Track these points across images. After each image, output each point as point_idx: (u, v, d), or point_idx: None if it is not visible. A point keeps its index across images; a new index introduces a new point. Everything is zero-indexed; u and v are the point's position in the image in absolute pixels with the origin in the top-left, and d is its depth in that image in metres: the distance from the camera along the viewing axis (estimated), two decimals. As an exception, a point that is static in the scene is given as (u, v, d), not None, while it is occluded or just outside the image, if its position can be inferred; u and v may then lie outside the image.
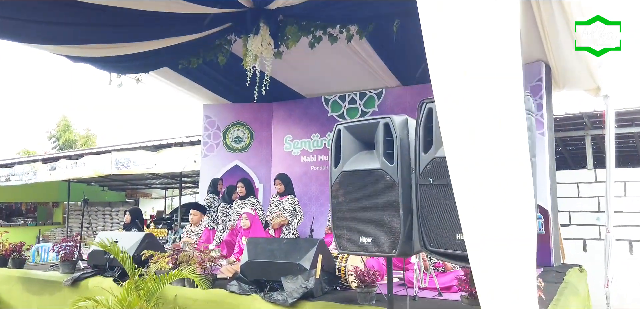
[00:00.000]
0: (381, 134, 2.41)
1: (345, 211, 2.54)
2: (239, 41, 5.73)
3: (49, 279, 4.86)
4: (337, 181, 2.57)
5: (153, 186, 18.52)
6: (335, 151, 2.60)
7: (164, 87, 7.62)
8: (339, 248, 2.55)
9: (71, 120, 27.90)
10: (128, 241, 4.54)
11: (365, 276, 3.40)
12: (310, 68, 6.78)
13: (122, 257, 3.61)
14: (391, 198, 2.35)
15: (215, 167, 7.93)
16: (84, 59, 6.00)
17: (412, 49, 6.00)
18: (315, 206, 7.35)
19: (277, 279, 3.69)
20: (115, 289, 4.01)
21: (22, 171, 14.03)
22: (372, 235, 2.42)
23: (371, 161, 2.45)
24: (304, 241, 3.83)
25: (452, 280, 3.83)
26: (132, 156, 11.27)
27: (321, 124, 7.65)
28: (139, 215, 6.15)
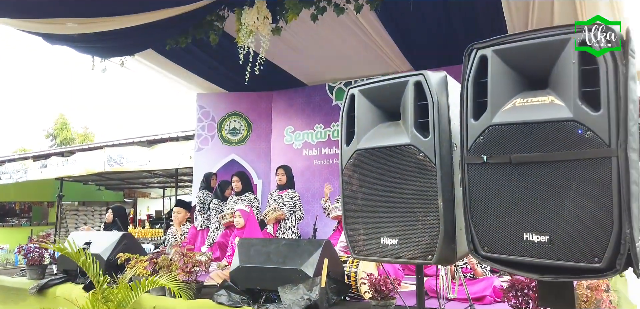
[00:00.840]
0: (411, 98, 1.77)
1: (361, 203, 1.89)
2: (233, 17, 5.11)
3: (14, 286, 4.25)
4: (349, 164, 1.93)
5: (150, 185, 17.92)
6: (348, 123, 1.96)
7: (154, 75, 7.00)
8: (354, 251, 1.91)
9: (69, 119, 27.34)
10: (103, 242, 3.92)
11: (382, 285, 2.77)
12: (312, 51, 6.14)
13: (83, 262, 2.97)
14: (426, 184, 1.71)
15: (210, 162, 7.29)
16: (61, 39, 5.39)
17: (428, 28, 5.39)
18: (318, 203, 6.68)
19: (274, 288, 3.06)
20: (80, 299, 3.39)
21: (12, 169, 13.46)
22: (399, 234, 1.78)
23: (397, 135, 1.81)
24: (307, 243, 3.20)
25: (484, 289, 3.19)
26: (125, 153, 10.68)
27: (325, 114, 7.01)
28: (121, 213, 5.52)
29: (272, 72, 6.48)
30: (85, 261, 2.98)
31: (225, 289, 3.17)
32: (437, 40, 5.61)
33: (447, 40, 5.55)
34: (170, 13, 5.06)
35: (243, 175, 5.68)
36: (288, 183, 5.25)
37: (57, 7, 4.65)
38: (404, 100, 1.81)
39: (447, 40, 5.55)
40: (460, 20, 5.17)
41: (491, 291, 3.15)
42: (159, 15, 5.09)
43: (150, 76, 7.12)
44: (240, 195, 5.40)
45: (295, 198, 5.11)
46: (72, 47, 5.80)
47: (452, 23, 5.23)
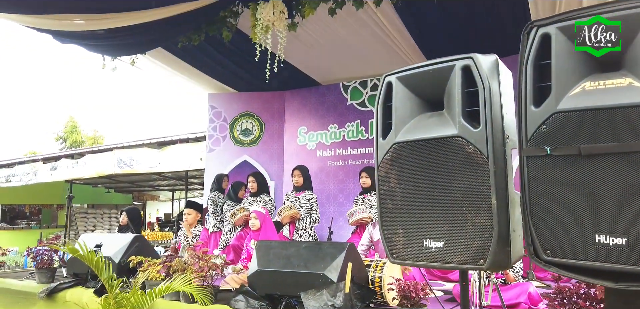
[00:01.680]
0: (458, 84, 1.59)
1: (399, 201, 1.72)
2: (246, 13, 4.96)
3: (22, 289, 4.11)
4: (386, 159, 1.75)
5: (160, 187, 17.85)
6: (384, 115, 1.79)
7: (165, 74, 6.88)
8: (392, 255, 1.73)
9: (78, 122, 27.41)
10: (114, 245, 3.78)
11: (412, 291, 2.58)
12: (327, 49, 5.97)
13: (97, 265, 2.82)
14: (476, 180, 1.53)
15: (222, 163, 7.15)
16: (70, 37, 5.27)
17: (448, 22, 5.20)
18: (333, 206, 6.54)
19: (295, 294, 2.89)
20: (92, 304, 3.24)
21: (22, 172, 13.43)
22: (445, 237, 1.60)
23: (441, 125, 1.63)
24: (329, 246, 3.02)
25: (518, 295, 3.00)
26: (135, 155, 10.58)
27: (339, 114, 6.83)
28: (136, 215, 5.37)
29: (285, 71, 6.33)
30: (98, 263, 2.82)
31: (243, 295, 3.00)
32: (457, 35, 5.42)
33: (467, 35, 5.37)
34: (182, 9, 4.91)
35: (259, 176, 5.54)
36: (305, 184, 5.08)
37: (64, 3, 4.53)
38: (449, 87, 1.63)
39: (468, 35, 5.36)
40: (482, 14, 4.98)
41: (526, 298, 2.97)
42: (170, 12, 4.95)
43: (160, 76, 7.03)
44: (255, 196, 5.24)
45: (312, 200, 4.94)
46: (82, 46, 5.69)
47: (474, 17, 5.04)
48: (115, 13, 4.93)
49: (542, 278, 4.11)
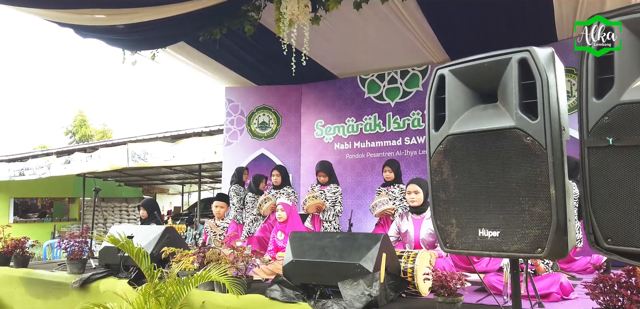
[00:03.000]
0: (514, 77, 1.63)
1: (453, 192, 1.76)
2: (268, 9, 5.00)
3: (55, 280, 4.19)
4: (440, 150, 1.79)
5: (170, 181, 17.97)
6: (436, 107, 1.82)
7: (183, 67, 6.92)
8: (445, 245, 1.78)
9: (87, 115, 27.56)
10: (145, 236, 3.84)
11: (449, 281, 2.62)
12: (345, 43, 6.00)
13: (137, 255, 2.88)
14: (534, 171, 1.57)
15: (239, 156, 7.21)
16: (91, 31, 5.32)
17: (469, 16, 5.21)
18: (350, 198, 6.58)
19: (330, 284, 2.94)
20: (130, 294, 3.30)
21: (36, 165, 13.54)
22: (501, 226, 1.64)
23: (497, 117, 1.67)
24: (363, 237, 3.07)
25: (550, 285, 3.04)
26: (149, 148, 10.66)
27: (356, 107, 6.87)
28: (155, 207, 5.43)
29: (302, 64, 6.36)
30: (138, 254, 2.88)
31: (278, 284, 3.06)
32: (477, 29, 5.43)
33: (488, 28, 5.37)
34: (204, 4, 4.96)
35: (283, 169, 5.59)
36: (330, 179, 5.12)
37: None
38: (504, 80, 1.67)
39: (489, 29, 5.37)
40: (504, 7, 4.98)
41: (558, 288, 3.00)
42: (192, 7, 4.99)
43: (172, 69, 7.06)
44: (279, 189, 5.30)
45: (337, 193, 4.99)
46: (102, 40, 5.75)
47: (496, 10, 5.04)
48: (137, 8, 4.97)
49: (566, 270, 4.15)
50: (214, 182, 18.41)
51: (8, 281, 4.56)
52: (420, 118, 6.36)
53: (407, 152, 6.39)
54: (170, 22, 5.14)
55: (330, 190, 4.98)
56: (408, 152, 6.38)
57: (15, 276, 4.52)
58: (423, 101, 6.37)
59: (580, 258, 4.31)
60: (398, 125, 6.51)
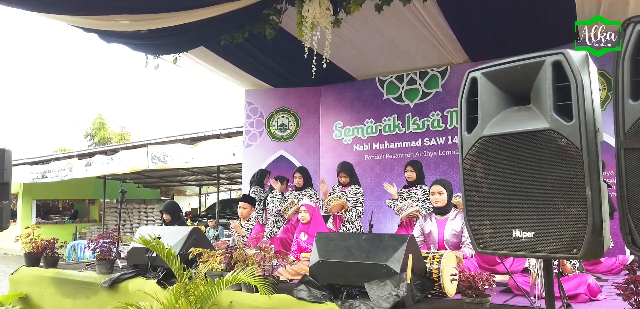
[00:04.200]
0: (548, 79, 1.65)
1: (486, 193, 1.78)
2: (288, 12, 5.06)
3: (85, 280, 4.29)
4: (472, 152, 1.82)
5: (188, 182, 18.17)
6: (468, 109, 1.85)
7: (202, 70, 7.02)
8: (479, 245, 1.80)
9: (106, 118, 28.02)
10: (172, 237, 3.91)
11: (477, 281, 2.64)
12: (364, 44, 6.02)
13: (168, 255, 2.95)
14: (569, 172, 1.59)
15: (259, 158, 7.28)
16: (116, 36, 5.43)
17: (489, 17, 5.19)
18: (370, 199, 6.60)
19: (357, 284, 2.98)
20: (159, 293, 3.38)
21: (58, 168, 13.83)
22: (536, 227, 1.66)
23: (531, 119, 1.69)
24: (389, 238, 3.10)
25: (577, 286, 3.04)
26: (168, 150, 10.82)
27: (375, 108, 6.89)
28: (178, 209, 5.52)
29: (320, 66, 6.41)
30: (169, 254, 2.96)
31: (305, 285, 3.10)
32: (498, 30, 5.42)
33: (508, 29, 5.36)
34: (226, 8, 5.02)
35: (305, 171, 5.64)
36: (351, 180, 5.16)
37: (112, 3, 4.67)
38: (538, 82, 1.69)
39: (509, 29, 5.35)
40: (526, 9, 4.96)
41: (586, 289, 2.99)
42: (215, 11, 5.06)
43: (198, 72, 7.14)
44: (300, 191, 5.36)
45: (358, 194, 5.02)
46: (126, 45, 5.85)
47: (517, 12, 5.03)
48: (160, 13, 5.06)
49: (591, 271, 4.12)
50: (231, 184, 18.59)
51: (38, 281, 4.69)
52: (439, 119, 6.36)
53: (426, 153, 6.40)
54: (192, 27, 5.22)
55: (352, 191, 5.01)
56: (428, 153, 6.39)
57: (46, 276, 4.64)
58: (443, 102, 6.37)
59: (606, 258, 4.27)
60: (417, 126, 6.51)
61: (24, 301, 4.75)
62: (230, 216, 13.83)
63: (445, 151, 6.28)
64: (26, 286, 4.78)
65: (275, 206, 5.52)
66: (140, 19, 5.11)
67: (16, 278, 4.91)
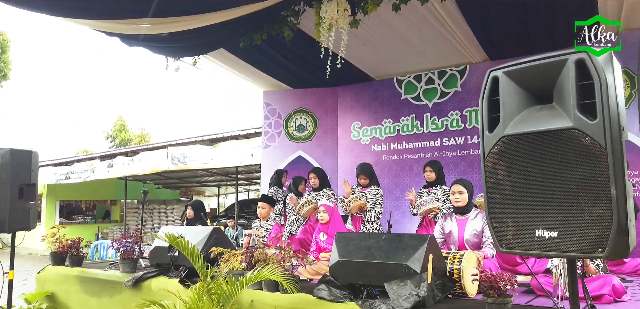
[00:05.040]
0: (571, 77, 1.64)
1: (508, 192, 1.78)
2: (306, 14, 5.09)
3: (109, 279, 4.39)
4: (494, 151, 1.81)
5: (207, 183, 18.37)
6: (490, 108, 1.85)
7: (221, 72, 7.10)
8: (501, 245, 1.80)
9: (127, 120, 28.50)
10: (194, 237, 3.97)
11: (499, 281, 2.63)
12: (381, 44, 6.02)
13: (192, 254, 3.01)
14: (594, 171, 1.57)
15: (277, 158, 7.33)
16: (137, 40, 5.54)
17: (509, 16, 5.14)
18: (388, 200, 6.58)
19: (377, 284, 2.98)
20: (182, 292, 3.44)
21: (80, 169, 14.12)
22: (559, 226, 1.65)
23: (554, 118, 1.68)
24: (409, 238, 3.10)
25: (601, 287, 2.99)
26: (188, 152, 10.96)
27: (393, 108, 6.88)
28: (202, 208, 5.62)
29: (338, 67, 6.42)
30: (193, 253, 3.01)
31: (325, 284, 3.12)
32: (517, 28, 5.36)
33: (528, 27, 5.30)
34: (245, 11, 5.07)
35: (320, 171, 5.66)
36: (371, 181, 5.17)
37: (133, 7, 4.76)
38: (560, 81, 1.68)
39: (529, 27, 5.29)
40: (544, 5, 4.90)
41: (610, 290, 2.95)
42: (234, 14, 5.12)
43: (217, 73, 7.23)
44: (317, 191, 5.38)
45: (378, 195, 5.02)
46: (147, 47, 5.95)
47: (536, 8, 4.97)
48: (181, 16, 5.14)
49: (615, 271, 4.05)
50: (249, 184, 18.73)
51: (64, 280, 4.80)
52: (458, 118, 6.32)
53: (445, 152, 6.36)
54: (212, 30, 5.29)
55: (371, 192, 5.02)
56: (447, 153, 6.35)
57: (71, 275, 4.75)
58: (462, 101, 6.33)
59: (630, 259, 4.20)
60: (436, 126, 6.48)
61: (50, 299, 4.88)
62: (248, 217, 13.96)
63: (464, 151, 6.24)
64: (52, 285, 4.91)
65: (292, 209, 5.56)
66: (161, 23, 5.20)
67: (43, 276, 5.04)
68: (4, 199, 4.04)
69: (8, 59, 22.47)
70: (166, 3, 4.85)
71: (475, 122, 6.17)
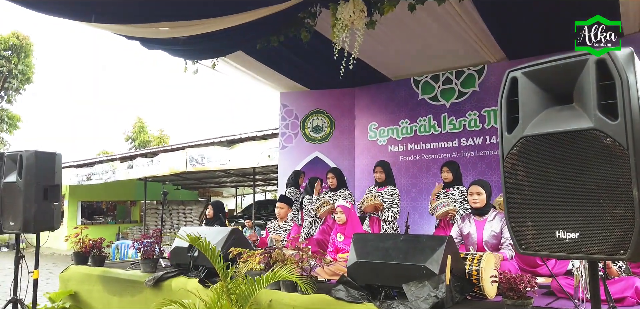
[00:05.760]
0: (592, 77, 1.62)
1: (528, 194, 1.77)
2: (323, 15, 5.10)
3: (130, 278, 4.47)
4: (513, 152, 1.80)
5: (224, 184, 18.54)
6: (509, 109, 1.84)
7: (239, 76, 7.16)
8: (521, 246, 1.79)
9: (146, 121, 28.92)
10: (213, 237, 4.01)
11: (518, 283, 2.61)
12: (398, 45, 6.00)
13: (212, 254, 3.05)
14: (615, 172, 1.56)
15: (294, 159, 7.37)
16: (156, 43, 5.63)
17: (527, 13, 5.08)
18: (406, 200, 6.57)
19: (395, 285, 2.99)
20: (201, 292, 3.49)
21: (101, 170, 14.39)
22: (580, 228, 1.64)
23: (574, 118, 1.67)
24: (427, 239, 3.10)
25: (624, 289, 2.94)
26: (206, 153, 11.08)
27: (410, 109, 6.86)
28: (221, 208, 5.69)
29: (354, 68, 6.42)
30: (214, 253, 3.06)
31: (343, 285, 3.14)
32: (536, 27, 5.29)
33: (548, 25, 5.22)
34: (262, 13, 5.11)
35: (338, 172, 5.68)
36: (387, 180, 5.17)
37: (153, 11, 4.84)
38: (580, 81, 1.66)
39: (548, 26, 5.22)
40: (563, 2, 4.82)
41: (633, 292, 2.90)
42: (251, 16, 5.16)
43: (235, 75, 7.28)
44: (335, 192, 5.40)
45: (394, 195, 5.02)
46: (166, 50, 6.04)
47: (556, 6, 4.89)
48: (199, 20, 5.21)
49: (638, 273, 3.97)
50: (266, 185, 18.84)
51: (87, 279, 4.91)
52: (477, 118, 6.26)
53: (463, 153, 6.32)
54: (230, 32, 5.35)
55: (388, 192, 5.01)
56: (465, 153, 6.30)
57: (93, 275, 4.86)
58: (480, 101, 6.28)
59: (655, 261, 4.11)
60: (454, 126, 6.44)
61: (73, 298, 4.99)
62: (266, 217, 14.05)
63: (482, 151, 6.19)
64: (75, 284, 5.02)
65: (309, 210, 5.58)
66: (180, 26, 5.28)
67: (66, 276, 5.16)
68: (29, 200, 4.14)
69: (31, 63, 23.06)
70: (185, 7, 4.93)
71: (494, 122, 6.11)
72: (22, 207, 4.12)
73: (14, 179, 4.21)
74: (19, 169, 4.18)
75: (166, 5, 4.83)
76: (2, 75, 22.22)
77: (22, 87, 23.19)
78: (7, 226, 4.33)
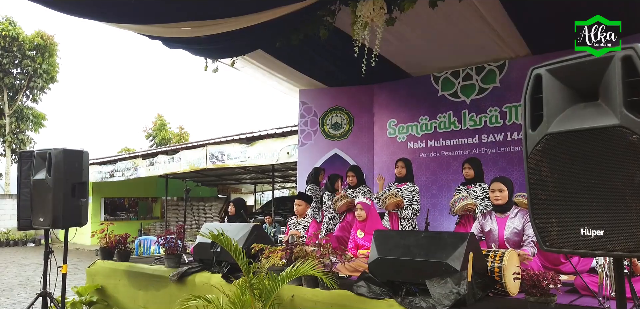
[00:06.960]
0: (618, 74, 1.61)
1: (552, 191, 1.77)
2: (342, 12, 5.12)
3: (155, 273, 4.58)
4: (537, 150, 1.81)
5: (243, 181, 18.71)
6: (533, 106, 1.84)
7: (258, 74, 7.23)
8: (545, 243, 1.79)
9: (166, 119, 29.32)
10: (235, 233, 4.08)
11: (542, 280, 2.60)
12: (418, 41, 5.97)
13: (235, 250, 3.11)
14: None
15: (313, 156, 7.41)
16: (178, 42, 5.72)
17: (553, 6, 4.99)
18: (425, 198, 6.55)
19: (416, 281, 3.00)
20: (225, 287, 3.56)
21: (124, 167, 14.67)
22: (605, 225, 1.63)
23: (599, 115, 1.66)
24: (449, 236, 3.10)
25: (650, 288, 2.89)
26: (226, 150, 11.20)
27: (430, 105, 6.82)
28: (243, 205, 5.78)
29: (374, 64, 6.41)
30: (237, 249, 3.12)
31: (364, 281, 3.17)
32: (562, 21, 5.19)
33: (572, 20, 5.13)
34: (282, 12, 5.15)
35: (358, 169, 5.70)
36: (407, 176, 5.17)
37: (175, 12, 4.92)
38: (606, 78, 1.66)
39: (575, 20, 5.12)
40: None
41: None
42: (270, 15, 5.21)
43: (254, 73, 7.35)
44: (354, 189, 5.42)
45: (414, 192, 5.02)
46: (187, 50, 6.13)
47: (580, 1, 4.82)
48: (220, 19, 5.28)
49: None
50: (285, 182, 18.95)
51: (113, 274, 5.04)
52: (498, 115, 6.20)
53: (484, 149, 6.26)
54: (250, 31, 5.40)
55: (407, 189, 5.01)
56: (485, 150, 6.25)
57: (119, 269, 4.98)
58: (501, 97, 6.21)
59: (682, 260, 4.03)
60: (474, 123, 6.39)
61: (100, 292, 5.13)
62: (284, 214, 14.14)
63: (504, 147, 6.13)
64: (102, 279, 5.15)
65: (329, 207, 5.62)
66: (202, 25, 5.35)
67: (93, 270, 5.30)
68: (58, 197, 4.28)
69: (55, 62, 23.61)
70: (206, 7, 5.00)
71: (515, 119, 6.05)
72: (51, 204, 4.26)
73: (43, 176, 4.35)
74: (48, 166, 4.32)
75: (188, 6, 4.90)
76: (28, 74, 22.82)
77: (47, 86, 23.77)
78: (36, 222, 4.48)
